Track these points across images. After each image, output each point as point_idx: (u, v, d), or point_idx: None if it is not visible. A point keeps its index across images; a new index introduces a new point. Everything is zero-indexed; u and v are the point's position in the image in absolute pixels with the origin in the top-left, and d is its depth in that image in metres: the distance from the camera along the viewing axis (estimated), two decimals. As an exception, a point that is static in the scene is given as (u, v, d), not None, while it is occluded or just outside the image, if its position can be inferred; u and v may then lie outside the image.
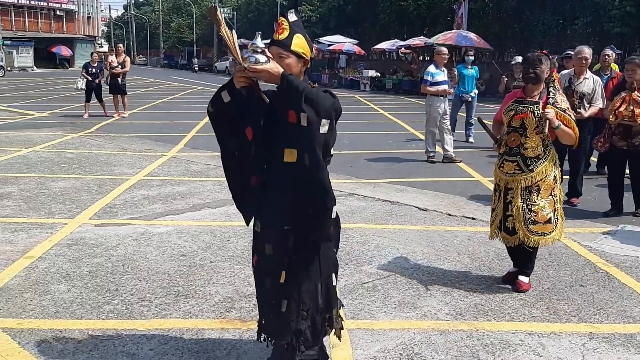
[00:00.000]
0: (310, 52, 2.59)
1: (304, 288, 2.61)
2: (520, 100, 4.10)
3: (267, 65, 2.37)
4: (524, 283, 4.13)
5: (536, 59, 4.02)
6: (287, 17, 2.54)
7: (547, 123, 3.91)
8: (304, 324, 2.62)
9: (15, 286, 3.92)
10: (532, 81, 4.05)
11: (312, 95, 2.39)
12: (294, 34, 2.51)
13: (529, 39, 27.49)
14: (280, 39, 2.51)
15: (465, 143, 11.41)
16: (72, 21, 55.95)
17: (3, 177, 7.23)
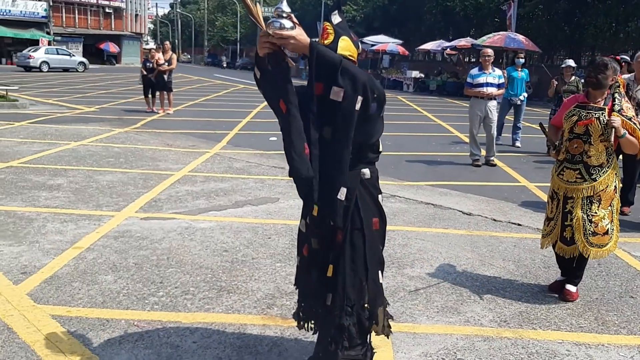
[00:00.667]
0: (357, 49, 2.56)
1: (349, 283, 2.60)
2: (583, 106, 3.93)
3: (294, 32, 2.30)
4: (572, 292, 4.01)
5: (601, 64, 3.86)
6: (331, 19, 2.51)
7: (612, 131, 3.76)
8: (348, 319, 2.60)
9: (64, 275, 4.03)
10: (592, 86, 3.89)
11: (350, 67, 2.32)
12: (339, 37, 2.48)
13: (580, 42, 26.80)
14: (326, 45, 2.48)
15: (512, 147, 11.19)
16: (120, 18, 57.30)
17: (53, 169, 7.45)
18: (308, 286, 2.77)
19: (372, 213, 2.64)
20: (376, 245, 2.70)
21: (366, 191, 2.62)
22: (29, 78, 27.39)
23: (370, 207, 2.64)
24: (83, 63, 39.25)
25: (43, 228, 5.04)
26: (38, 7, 46.93)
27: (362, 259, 2.62)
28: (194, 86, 26.99)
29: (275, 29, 2.27)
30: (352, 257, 2.60)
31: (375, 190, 2.68)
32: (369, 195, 2.64)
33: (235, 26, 67.68)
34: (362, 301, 2.64)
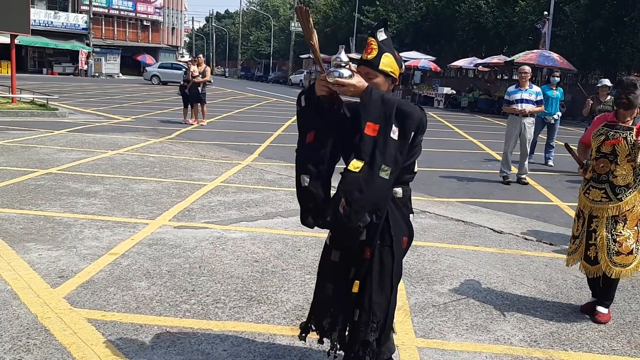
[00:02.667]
0: (400, 68, 2.61)
1: (376, 299, 2.64)
2: (611, 125, 3.92)
3: (353, 80, 2.40)
4: (603, 314, 3.96)
5: (630, 84, 3.83)
6: (376, 36, 2.56)
7: (639, 151, 3.74)
8: (372, 335, 2.64)
9: (100, 280, 4.14)
10: (623, 107, 3.87)
11: (406, 107, 2.41)
12: (382, 53, 2.54)
13: (616, 61, 26.37)
14: (368, 59, 2.54)
15: (545, 166, 11.07)
16: (157, 31, 58.54)
17: (90, 176, 7.65)
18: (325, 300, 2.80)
19: (402, 232, 2.69)
20: (401, 263, 2.74)
21: (397, 210, 2.66)
22: (69, 87, 28.15)
23: (401, 226, 2.68)
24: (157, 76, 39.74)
25: (80, 234, 5.19)
26: (79, 20, 48.31)
27: (390, 276, 2.66)
28: (228, 99, 27.37)
29: (335, 78, 2.39)
30: (380, 273, 2.64)
31: (406, 210, 2.72)
32: (400, 213, 2.68)
33: (269, 41, 68.53)
34: (386, 317, 2.68)
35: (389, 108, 2.39)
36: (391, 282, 2.67)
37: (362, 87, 2.42)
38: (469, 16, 33.16)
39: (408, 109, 2.41)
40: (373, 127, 2.39)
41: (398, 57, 2.61)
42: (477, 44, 35.64)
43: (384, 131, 2.38)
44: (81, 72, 45.46)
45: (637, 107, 3.88)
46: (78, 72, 45.56)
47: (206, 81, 14.92)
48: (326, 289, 2.79)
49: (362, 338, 2.63)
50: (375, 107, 2.40)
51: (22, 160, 8.54)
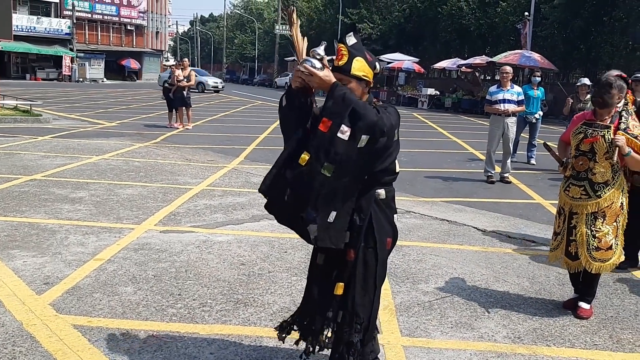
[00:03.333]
0: (373, 69, 2.63)
1: (359, 301, 2.68)
2: (590, 123, 3.99)
3: (320, 72, 2.47)
4: (585, 309, 4.03)
5: (606, 84, 3.90)
6: (346, 41, 2.58)
7: (617, 150, 3.81)
8: (356, 336, 2.69)
9: (86, 286, 4.14)
10: (598, 105, 3.96)
11: (360, 109, 2.43)
12: (353, 58, 2.55)
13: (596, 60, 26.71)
14: (340, 65, 2.56)
15: (527, 164, 11.19)
16: (141, 35, 58.21)
17: (75, 182, 7.62)
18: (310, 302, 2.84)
19: (386, 233, 2.72)
20: (385, 264, 2.78)
21: (381, 211, 2.69)
22: (52, 93, 27.92)
23: (385, 227, 2.72)
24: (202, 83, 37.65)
25: (65, 240, 5.17)
26: (62, 25, 47.93)
27: (373, 277, 2.70)
28: (213, 102, 27.32)
29: (306, 66, 2.48)
30: (364, 275, 2.68)
31: (390, 210, 2.75)
32: (384, 215, 2.71)
33: (254, 44, 68.51)
34: (369, 318, 2.73)
35: (345, 107, 2.42)
36: (374, 283, 2.71)
37: (328, 81, 2.47)
38: (451, 17, 33.41)
39: (362, 111, 2.42)
40: (326, 123, 2.44)
41: (370, 58, 2.62)
42: (460, 45, 35.90)
43: (333, 129, 2.42)
44: (65, 77, 45.09)
45: (614, 105, 3.96)
46: (62, 77, 45.18)
47: (191, 85, 14.90)
48: (312, 292, 2.83)
49: (347, 339, 2.68)
50: (335, 104, 2.44)
51: (5, 166, 8.47)
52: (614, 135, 3.85)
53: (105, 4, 53.23)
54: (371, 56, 2.64)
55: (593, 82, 10.13)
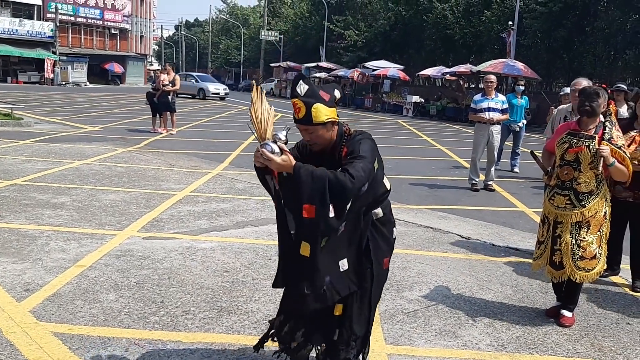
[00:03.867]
0: (334, 104, 2.57)
1: (355, 319, 2.74)
2: (575, 133, 4.01)
3: (278, 158, 2.45)
4: (567, 317, 4.05)
5: (593, 93, 3.93)
6: (297, 92, 2.53)
7: (601, 160, 3.84)
8: (352, 352, 2.75)
9: (66, 293, 4.08)
10: (587, 114, 3.96)
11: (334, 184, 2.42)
12: (310, 107, 2.51)
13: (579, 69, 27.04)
14: (300, 118, 2.54)
15: (510, 173, 11.28)
16: (125, 39, 57.90)
17: (57, 187, 7.52)
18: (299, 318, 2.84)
19: (382, 253, 2.76)
20: (382, 283, 2.82)
21: (378, 232, 2.73)
22: (34, 96, 27.62)
23: (382, 247, 2.75)
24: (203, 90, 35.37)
25: (46, 246, 5.10)
26: (45, 27, 47.50)
27: (368, 297, 2.74)
28: (197, 107, 27.20)
29: (264, 150, 2.47)
30: (361, 296, 2.72)
31: (389, 225, 2.79)
32: (381, 235, 2.74)
33: (239, 49, 68.40)
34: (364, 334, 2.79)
35: (319, 186, 2.41)
36: (369, 303, 2.76)
37: (287, 166, 2.46)
38: (436, 26, 33.66)
39: (337, 185, 2.41)
40: (309, 209, 2.42)
41: (328, 96, 2.56)
42: (445, 53, 36.17)
43: (321, 213, 2.42)
44: (47, 80, 44.62)
45: (599, 115, 4.00)
46: (44, 80, 44.72)
47: (175, 90, 14.82)
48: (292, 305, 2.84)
49: (343, 356, 2.73)
50: (307, 187, 2.42)
51: (-15, 171, 8.34)
52: (598, 145, 3.88)
53: (89, 7, 52.90)
54: (327, 91, 2.58)
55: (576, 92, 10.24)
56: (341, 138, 2.65)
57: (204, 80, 37.24)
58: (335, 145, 2.65)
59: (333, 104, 2.57)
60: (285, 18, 55.62)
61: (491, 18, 29.98)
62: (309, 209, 2.41)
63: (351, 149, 2.57)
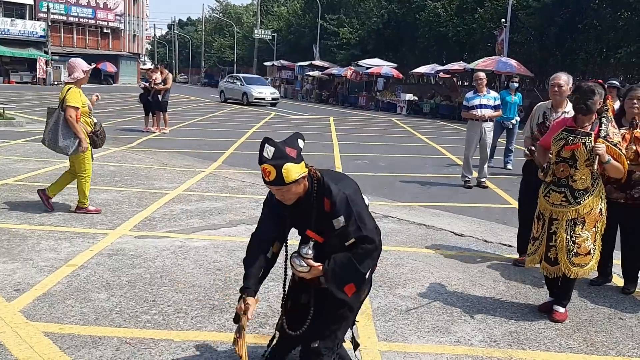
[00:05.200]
0: (301, 160, 2.58)
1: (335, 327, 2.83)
2: (571, 130, 3.98)
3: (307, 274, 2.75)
4: (560, 313, 4.06)
5: (589, 90, 3.90)
6: (265, 158, 2.52)
7: (597, 158, 3.81)
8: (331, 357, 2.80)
9: (58, 292, 4.05)
10: (582, 112, 3.94)
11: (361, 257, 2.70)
12: (280, 169, 2.50)
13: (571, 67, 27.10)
14: (271, 181, 2.54)
15: (504, 169, 11.30)
16: (118, 39, 57.71)
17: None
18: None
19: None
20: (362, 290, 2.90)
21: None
22: (26, 96, 27.47)
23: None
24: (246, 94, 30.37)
25: (37, 245, 5.07)
26: (37, 27, 47.27)
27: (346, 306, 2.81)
28: (191, 106, 27.13)
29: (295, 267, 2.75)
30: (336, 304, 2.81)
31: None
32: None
33: (232, 48, 68.25)
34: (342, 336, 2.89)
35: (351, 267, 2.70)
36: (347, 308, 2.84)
37: (318, 274, 2.72)
38: (429, 24, 33.67)
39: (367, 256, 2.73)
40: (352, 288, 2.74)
41: (294, 152, 2.55)
42: (438, 51, 36.19)
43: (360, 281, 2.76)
44: (39, 80, 44.42)
45: (595, 112, 3.97)
46: (36, 80, 44.51)
47: (167, 89, 14.77)
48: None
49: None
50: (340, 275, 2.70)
51: (-24, 171, 8.28)
52: (594, 142, 3.86)
53: (81, 6, 52.68)
54: (293, 146, 2.57)
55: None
56: (312, 186, 2.67)
57: (248, 83, 31.62)
58: (309, 192, 2.68)
59: (301, 158, 2.58)
60: (279, 16, 55.47)
61: (484, 15, 30.01)
62: (352, 288, 2.74)
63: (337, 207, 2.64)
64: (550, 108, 5.15)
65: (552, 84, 5.11)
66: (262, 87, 31.65)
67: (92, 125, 6.30)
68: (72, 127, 5.97)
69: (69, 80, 6.15)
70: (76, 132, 6.00)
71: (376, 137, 16.47)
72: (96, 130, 6.33)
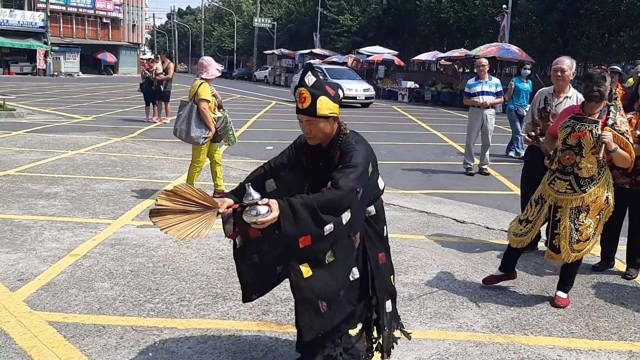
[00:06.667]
0: (338, 101, 2.57)
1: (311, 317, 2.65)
2: (578, 117, 3.93)
3: (270, 216, 2.30)
4: (562, 299, 4.07)
5: (600, 77, 3.83)
6: (305, 82, 2.52)
7: (603, 146, 3.77)
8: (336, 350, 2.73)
9: (61, 282, 4.07)
10: (595, 99, 3.87)
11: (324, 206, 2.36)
12: (316, 99, 2.50)
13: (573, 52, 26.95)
14: (304, 108, 2.52)
15: (506, 157, 11.24)
16: (117, 29, 57.48)
17: (50, 177, 7.49)
18: None
19: (377, 249, 2.74)
20: (384, 278, 2.79)
21: (371, 228, 2.71)
22: (26, 87, 27.43)
23: (375, 244, 2.73)
24: None
25: (40, 236, 5.08)
26: (36, 18, 47.07)
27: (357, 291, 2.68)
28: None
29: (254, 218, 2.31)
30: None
31: (380, 224, 2.77)
32: (374, 231, 2.73)
33: (232, 37, 67.96)
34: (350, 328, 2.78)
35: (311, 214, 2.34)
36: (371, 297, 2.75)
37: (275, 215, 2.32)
38: (430, 11, 33.48)
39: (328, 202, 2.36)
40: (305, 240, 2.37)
41: (333, 92, 2.56)
42: (439, 38, 36.00)
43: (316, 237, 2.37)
44: (39, 71, 44.33)
45: (605, 99, 3.93)
46: (36, 71, 44.41)
47: (168, 78, 14.73)
48: None
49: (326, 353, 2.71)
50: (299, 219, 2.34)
51: (-23, 162, 8.29)
52: (601, 130, 3.81)
53: (80, -4, 52.43)
54: (333, 88, 2.58)
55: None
56: (338, 136, 2.63)
57: (334, 76, 23.53)
58: (332, 142, 2.63)
59: (337, 101, 2.57)
60: (278, 4, 55.16)
61: (485, 2, 29.84)
62: (305, 240, 2.36)
63: (344, 156, 2.55)
64: (552, 93, 5.09)
65: (555, 68, 5.02)
66: (352, 82, 23.81)
67: (215, 121, 6.63)
68: (205, 118, 6.38)
69: (205, 76, 6.50)
70: (208, 123, 6.40)
71: (377, 125, 16.43)
72: (217, 126, 6.65)
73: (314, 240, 2.38)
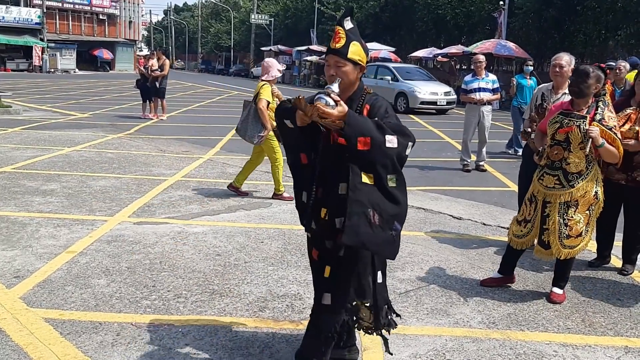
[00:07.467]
0: (366, 56, 2.62)
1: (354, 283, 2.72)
2: (567, 113, 3.97)
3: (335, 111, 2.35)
4: (558, 294, 4.08)
5: (583, 73, 3.88)
6: (344, 24, 2.57)
7: (590, 141, 3.80)
8: (347, 316, 2.73)
9: (57, 279, 4.06)
10: (574, 95, 3.94)
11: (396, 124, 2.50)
12: (350, 42, 2.55)
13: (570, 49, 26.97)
14: (337, 47, 2.55)
15: (503, 153, 11.25)
16: (113, 25, 57.28)
17: (46, 174, 7.47)
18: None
19: None
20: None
21: None
22: (23, 84, 27.34)
23: None
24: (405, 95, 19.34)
25: (36, 233, 5.07)
26: (32, 14, 46.88)
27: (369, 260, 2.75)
28: (188, 92, 27.02)
29: (321, 104, 2.36)
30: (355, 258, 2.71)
31: None
32: None
33: (229, 33, 67.82)
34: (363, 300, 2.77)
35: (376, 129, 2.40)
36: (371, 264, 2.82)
37: (342, 117, 2.37)
38: (427, 7, 33.47)
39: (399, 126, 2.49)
40: (364, 140, 2.38)
41: (364, 45, 2.63)
42: (436, 34, 36.01)
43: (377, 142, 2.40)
44: (36, 68, 44.20)
45: (590, 95, 3.95)
46: (32, 68, 44.28)
47: (164, 75, 14.69)
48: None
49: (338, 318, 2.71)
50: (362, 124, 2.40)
51: (-27, 159, 8.27)
52: (589, 126, 3.84)
53: (77, -8, 52.20)
54: (365, 44, 2.64)
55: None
56: (360, 92, 2.64)
57: (406, 77, 20.52)
58: (353, 96, 2.63)
59: (367, 54, 2.62)
60: (275, 1, 55.09)
61: (482, -2, 29.85)
62: (364, 140, 2.38)
63: (376, 109, 2.57)
64: (551, 90, 5.05)
65: (554, 64, 4.99)
66: (429, 84, 20.29)
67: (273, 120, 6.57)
68: (262, 116, 6.40)
69: (267, 78, 6.56)
70: (264, 122, 6.40)
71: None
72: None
73: (373, 145, 2.39)
